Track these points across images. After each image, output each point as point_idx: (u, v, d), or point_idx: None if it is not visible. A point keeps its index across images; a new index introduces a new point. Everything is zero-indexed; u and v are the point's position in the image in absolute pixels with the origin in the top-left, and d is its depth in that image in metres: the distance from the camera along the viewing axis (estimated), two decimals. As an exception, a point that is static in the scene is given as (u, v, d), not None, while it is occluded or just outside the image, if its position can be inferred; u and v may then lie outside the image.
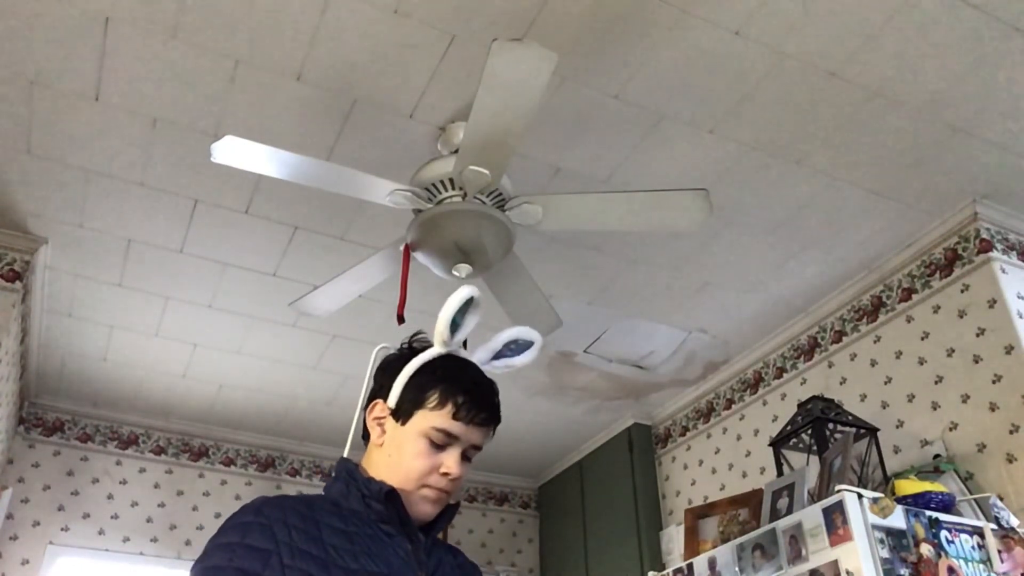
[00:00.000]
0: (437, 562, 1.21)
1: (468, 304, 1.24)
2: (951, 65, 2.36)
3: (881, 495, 2.13)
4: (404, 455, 1.17)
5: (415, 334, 1.29)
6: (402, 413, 1.20)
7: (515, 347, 1.32)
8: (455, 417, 1.17)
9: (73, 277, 3.21)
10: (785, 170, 2.74)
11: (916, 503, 2.20)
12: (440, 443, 1.17)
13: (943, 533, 2.13)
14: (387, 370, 1.25)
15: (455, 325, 1.24)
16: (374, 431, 1.23)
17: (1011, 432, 2.56)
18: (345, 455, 1.27)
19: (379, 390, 1.25)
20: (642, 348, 3.74)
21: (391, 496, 1.14)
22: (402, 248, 2.45)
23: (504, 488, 5.03)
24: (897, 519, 2.09)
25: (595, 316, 3.50)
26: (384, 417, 1.22)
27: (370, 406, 1.24)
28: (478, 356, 1.29)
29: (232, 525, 1.09)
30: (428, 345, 1.26)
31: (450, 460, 1.17)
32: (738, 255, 3.14)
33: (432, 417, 1.18)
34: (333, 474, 1.23)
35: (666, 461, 4.22)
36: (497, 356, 1.31)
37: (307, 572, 1.03)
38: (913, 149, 2.66)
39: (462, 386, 1.19)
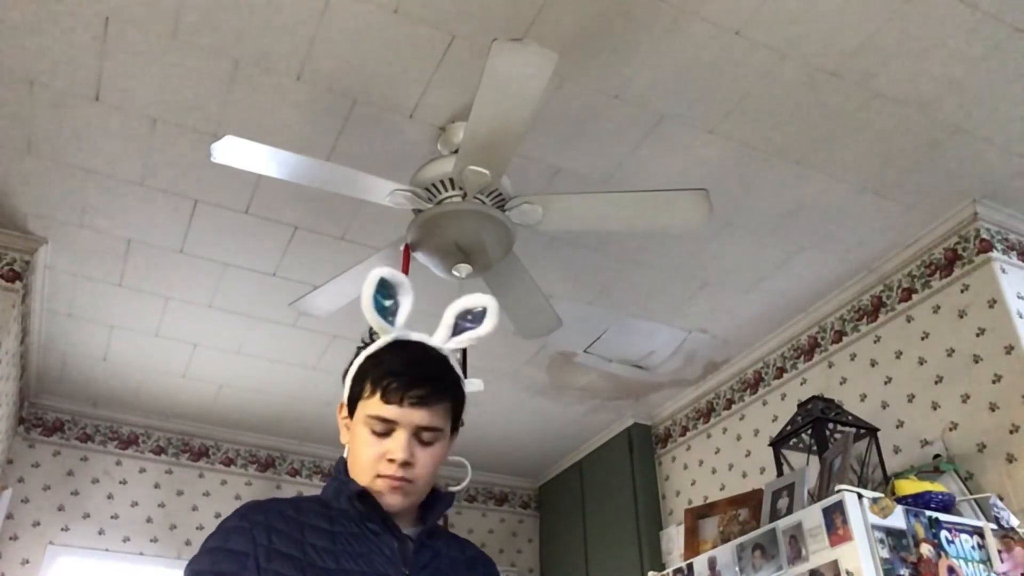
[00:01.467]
0: (431, 556, 1.19)
1: (384, 286, 1.24)
2: (951, 65, 2.36)
3: (881, 495, 2.13)
4: (355, 449, 1.19)
5: (371, 329, 1.28)
6: (351, 409, 1.22)
7: (472, 318, 1.29)
8: (386, 400, 1.15)
9: (73, 277, 3.21)
10: (785, 170, 2.74)
11: (916, 503, 2.20)
12: (381, 431, 1.16)
13: (943, 533, 2.13)
14: (345, 373, 1.27)
15: (383, 310, 1.24)
16: (342, 432, 1.26)
17: (1011, 432, 2.56)
18: (345, 455, 1.28)
19: (343, 393, 1.27)
20: (642, 348, 3.74)
21: (363, 496, 1.16)
22: (402, 248, 2.45)
23: (504, 488, 5.03)
24: (897, 519, 2.09)
25: (595, 316, 3.50)
26: (345, 416, 1.25)
27: (338, 408, 1.27)
28: (437, 337, 1.27)
29: (219, 529, 1.13)
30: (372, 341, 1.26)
31: (394, 445, 1.15)
32: (738, 255, 3.14)
33: (367, 405, 1.17)
34: (331, 474, 1.25)
35: (666, 461, 4.22)
36: (457, 331, 1.29)
37: (280, 574, 1.06)
38: (913, 149, 2.66)
39: (390, 368, 1.17)
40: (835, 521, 2.08)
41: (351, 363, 1.26)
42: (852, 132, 2.60)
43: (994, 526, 2.24)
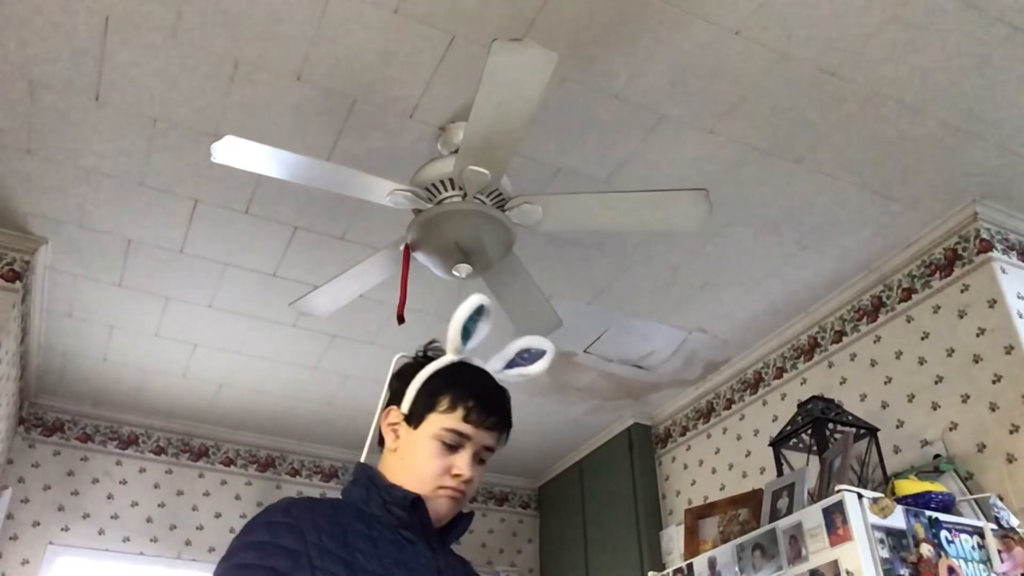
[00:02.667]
0: (451, 570, 1.25)
1: (479, 312, 1.28)
2: (951, 65, 2.36)
3: (881, 495, 2.13)
4: (417, 457, 1.20)
5: (430, 342, 1.33)
6: (415, 417, 1.23)
7: (528, 356, 1.36)
8: (465, 420, 1.21)
9: (73, 277, 3.21)
10: (785, 170, 2.74)
11: (916, 503, 2.20)
12: (452, 444, 1.21)
13: (943, 533, 2.13)
14: (401, 377, 1.29)
15: (466, 333, 1.28)
16: (388, 436, 1.26)
17: (1011, 432, 2.56)
18: (362, 460, 1.29)
19: (393, 397, 1.28)
20: (642, 348, 3.74)
21: (417, 504, 1.17)
22: (402, 248, 2.45)
23: (504, 488, 5.03)
24: (897, 519, 2.09)
25: (595, 316, 3.50)
26: (398, 423, 1.25)
27: (384, 412, 1.27)
28: (491, 364, 1.32)
29: (261, 524, 1.10)
30: (442, 353, 1.29)
31: (461, 461, 1.20)
32: (738, 255, 3.14)
33: (443, 419, 1.21)
34: (352, 479, 1.25)
35: (666, 461, 4.22)
36: (510, 365, 1.35)
37: (334, 574, 1.05)
38: (913, 149, 2.66)
39: (472, 390, 1.24)
40: (835, 521, 2.08)
41: (410, 374, 1.27)
42: (852, 132, 2.60)
43: (994, 526, 2.24)
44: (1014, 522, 2.28)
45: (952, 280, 2.92)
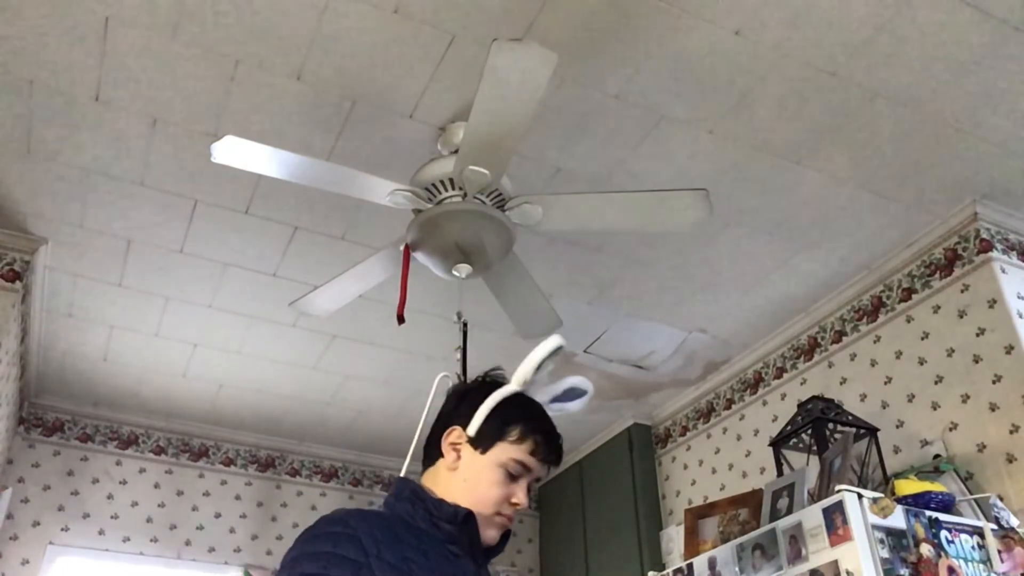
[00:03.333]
0: None
1: (556, 352, 1.34)
2: (951, 65, 2.36)
3: (881, 495, 2.13)
4: (480, 482, 1.24)
5: (492, 369, 1.38)
6: (482, 442, 1.26)
7: (572, 393, 1.44)
8: (532, 453, 1.27)
9: (73, 277, 3.21)
10: (785, 170, 2.74)
11: (916, 503, 2.20)
12: (515, 474, 1.26)
13: (943, 533, 2.13)
14: (466, 399, 1.31)
15: (539, 370, 1.33)
16: (449, 455, 1.27)
17: (1011, 432, 2.56)
18: (402, 475, 1.32)
19: (456, 417, 1.30)
20: (642, 348, 3.74)
21: (469, 519, 1.19)
22: (402, 248, 2.45)
23: (504, 488, 5.02)
24: (897, 519, 2.09)
25: (595, 316, 3.50)
26: (461, 444, 1.27)
27: (448, 431, 1.29)
28: (540, 397, 1.38)
29: (319, 535, 1.11)
30: (504, 380, 1.34)
31: (521, 491, 1.26)
32: (738, 255, 3.14)
33: (512, 449, 1.26)
34: (395, 493, 1.26)
35: (666, 461, 4.22)
36: (554, 399, 1.42)
37: None
38: (913, 149, 2.66)
39: (542, 426, 1.30)
40: (835, 521, 2.08)
41: (477, 397, 1.30)
42: (852, 132, 2.59)
43: (994, 526, 2.24)
44: (1014, 522, 2.28)
45: (952, 280, 2.92)
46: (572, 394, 1.43)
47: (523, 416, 1.29)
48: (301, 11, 2.19)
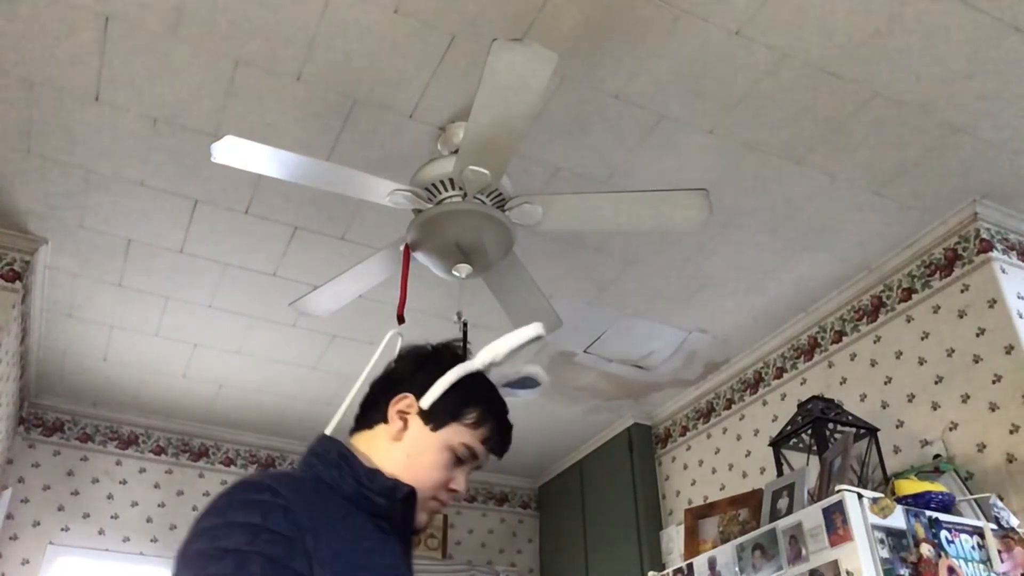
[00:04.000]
0: (410, 568, 1.18)
1: (534, 341, 1.25)
2: (951, 65, 2.36)
3: (881, 495, 2.13)
4: (424, 461, 1.13)
5: (453, 340, 1.28)
6: (434, 418, 1.15)
7: (526, 382, 1.33)
8: (484, 441, 1.17)
9: (73, 277, 3.21)
10: (785, 170, 2.74)
11: (916, 503, 2.20)
12: (462, 458, 1.16)
13: (943, 533, 2.13)
14: (424, 367, 1.20)
15: (511, 355, 1.24)
16: (394, 423, 1.15)
17: (1011, 432, 2.56)
18: (328, 432, 1.18)
19: (410, 384, 1.18)
20: (642, 348, 3.74)
21: (411, 497, 1.10)
22: (402, 248, 2.45)
23: (504, 488, 5.03)
24: (897, 519, 2.09)
25: (595, 316, 3.50)
26: (410, 414, 1.16)
27: (399, 397, 1.17)
28: (492, 379, 1.26)
29: (245, 502, 0.96)
30: (466, 355, 1.23)
31: (462, 478, 1.17)
32: (738, 255, 3.14)
33: (466, 434, 1.16)
34: (314, 452, 1.12)
35: (666, 461, 4.22)
36: (508, 383, 1.32)
37: (327, 562, 0.94)
38: (913, 149, 2.66)
39: (500, 413, 1.20)
40: (835, 521, 2.08)
41: (436, 367, 1.19)
42: (852, 132, 2.60)
43: (994, 526, 2.24)
44: (1014, 522, 2.28)
45: (952, 280, 2.92)
46: (526, 383, 1.33)
47: (484, 399, 1.18)
48: (301, 11, 2.19)
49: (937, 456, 2.70)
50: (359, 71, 2.37)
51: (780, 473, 2.66)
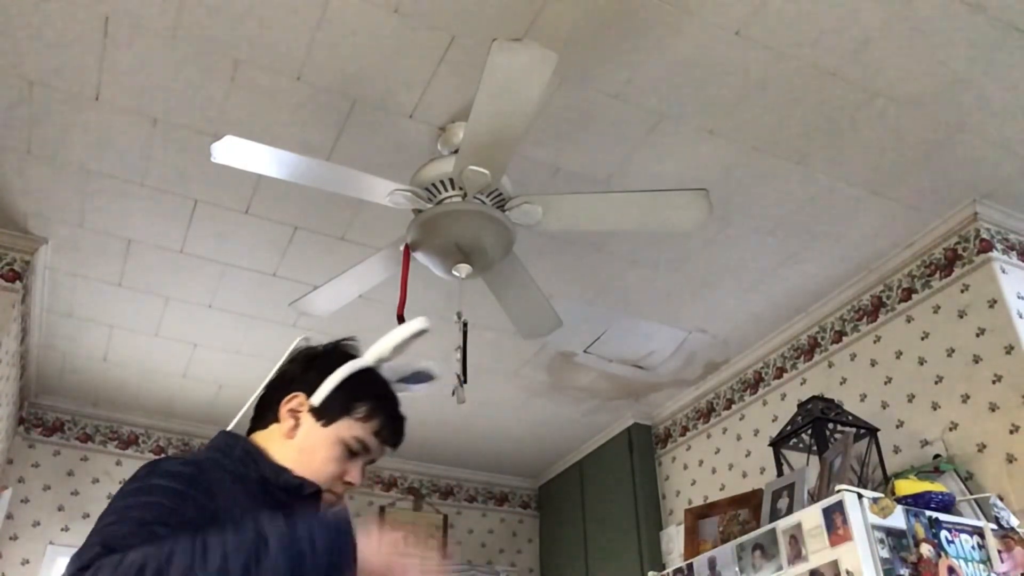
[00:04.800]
0: None
1: (419, 335, 1.27)
2: (951, 65, 2.36)
3: (881, 495, 2.13)
4: (317, 455, 1.16)
5: (344, 338, 1.31)
6: (325, 414, 1.18)
7: (419, 377, 1.35)
8: (376, 434, 1.19)
9: (73, 277, 3.21)
10: (785, 170, 2.74)
11: (916, 503, 2.20)
12: (355, 451, 1.18)
13: (943, 533, 2.13)
14: (314, 365, 1.23)
15: (398, 350, 1.26)
16: (286, 421, 1.18)
17: (1011, 432, 2.56)
18: (229, 429, 1.22)
19: (301, 383, 1.21)
20: (642, 348, 3.73)
21: (315, 496, 1.13)
22: (402, 248, 2.45)
23: (504, 488, 5.03)
24: (897, 519, 2.09)
25: (595, 316, 3.50)
26: (302, 412, 1.19)
27: (290, 396, 1.20)
28: (386, 375, 1.29)
29: (169, 472, 1.01)
30: (356, 351, 1.26)
31: (356, 471, 1.18)
32: (738, 255, 3.14)
33: (356, 427, 1.18)
34: (218, 447, 1.15)
35: (666, 461, 4.22)
36: (401, 378, 1.33)
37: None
38: (913, 149, 2.66)
39: (390, 406, 1.22)
40: (835, 521, 2.08)
41: (326, 365, 1.22)
42: (852, 132, 2.59)
43: (994, 526, 2.24)
44: (1014, 522, 2.28)
45: (952, 280, 2.92)
46: (419, 377, 1.35)
47: (373, 394, 1.20)
48: (301, 11, 2.19)
49: (937, 456, 2.70)
50: (359, 71, 2.37)
51: (780, 473, 2.66)
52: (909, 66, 2.36)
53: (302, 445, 1.16)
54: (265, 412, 1.22)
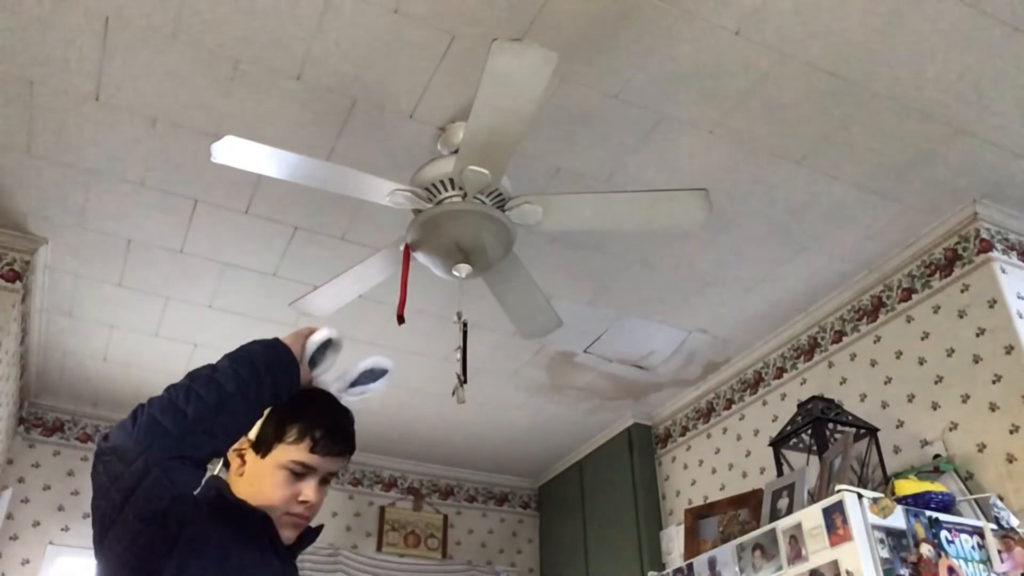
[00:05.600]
0: None
1: (326, 346, 1.31)
2: (951, 65, 2.36)
3: (881, 495, 2.13)
4: (264, 485, 1.22)
5: None
6: (262, 446, 1.24)
7: (370, 375, 1.38)
8: (312, 451, 1.23)
9: (73, 277, 3.21)
10: (785, 170, 2.74)
11: (916, 503, 2.20)
12: (300, 473, 1.23)
13: (943, 533, 2.13)
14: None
15: (313, 363, 1.30)
16: (234, 462, 1.27)
17: (1011, 432, 2.56)
18: (215, 473, 1.31)
19: None
20: (642, 348, 3.73)
21: (265, 522, 1.20)
22: (402, 248, 2.45)
23: (504, 488, 5.03)
24: (897, 519, 2.09)
25: (595, 316, 3.50)
26: (244, 449, 1.26)
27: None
28: (335, 387, 1.34)
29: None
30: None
31: (308, 489, 1.23)
32: (738, 255, 3.14)
33: (291, 451, 1.23)
34: (200, 490, 1.23)
35: (666, 461, 4.22)
36: (353, 383, 1.36)
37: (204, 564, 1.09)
38: (913, 149, 2.66)
39: (319, 421, 1.25)
40: (835, 521, 2.08)
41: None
42: (852, 132, 2.59)
43: (994, 526, 2.24)
44: (1014, 522, 2.28)
45: (952, 280, 2.92)
46: (371, 375, 1.37)
47: (299, 415, 1.25)
48: (301, 11, 2.19)
49: (937, 456, 2.70)
50: (359, 71, 2.37)
51: (780, 473, 2.66)
52: (909, 66, 2.36)
53: (251, 479, 1.24)
54: (221, 459, 1.30)
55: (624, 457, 4.28)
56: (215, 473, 1.30)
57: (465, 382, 2.37)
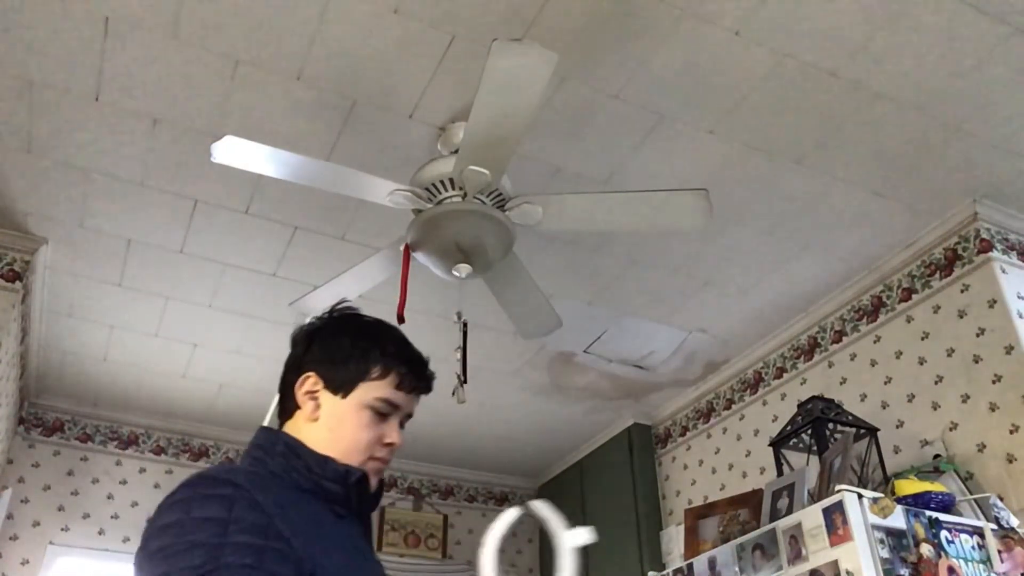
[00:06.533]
0: (368, 543, 1.17)
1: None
2: (951, 65, 2.36)
3: (881, 495, 2.13)
4: (347, 428, 1.12)
5: (339, 302, 1.25)
6: (342, 386, 1.14)
7: None
8: (399, 387, 1.15)
9: (73, 277, 3.21)
10: (785, 170, 2.74)
11: (916, 503, 2.20)
12: (385, 412, 1.14)
13: (943, 533, 2.13)
14: (316, 341, 1.19)
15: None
16: (306, 406, 1.14)
17: (1011, 432, 2.56)
18: (266, 424, 1.19)
19: (310, 363, 1.17)
20: (642, 348, 3.73)
21: (362, 481, 1.10)
22: (402, 248, 2.45)
23: (504, 488, 5.03)
24: (897, 519, 2.09)
25: (595, 316, 3.50)
26: (318, 390, 1.14)
27: (302, 379, 1.16)
28: None
29: (206, 497, 0.94)
30: (357, 312, 1.22)
31: (392, 430, 1.15)
32: (738, 255, 3.14)
33: (375, 388, 1.14)
34: (260, 446, 1.11)
35: (666, 461, 4.22)
36: None
37: (301, 544, 0.94)
38: (913, 149, 2.66)
39: (404, 354, 1.18)
40: (835, 521, 2.08)
41: (324, 337, 1.18)
42: (852, 132, 2.60)
43: (994, 526, 2.24)
44: (1014, 522, 2.28)
45: (952, 280, 2.92)
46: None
47: (383, 349, 1.15)
48: (301, 11, 2.19)
49: (937, 456, 2.70)
50: (359, 71, 2.37)
51: (780, 473, 2.66)
52: (908, 66, 2.36)
53: (329, 423, 1.12)
54: (286, 401, 1.18)
55: (624, 457, 4.28)
56: (267, 425, 1.17)
57: (465, 382, 2.37)
